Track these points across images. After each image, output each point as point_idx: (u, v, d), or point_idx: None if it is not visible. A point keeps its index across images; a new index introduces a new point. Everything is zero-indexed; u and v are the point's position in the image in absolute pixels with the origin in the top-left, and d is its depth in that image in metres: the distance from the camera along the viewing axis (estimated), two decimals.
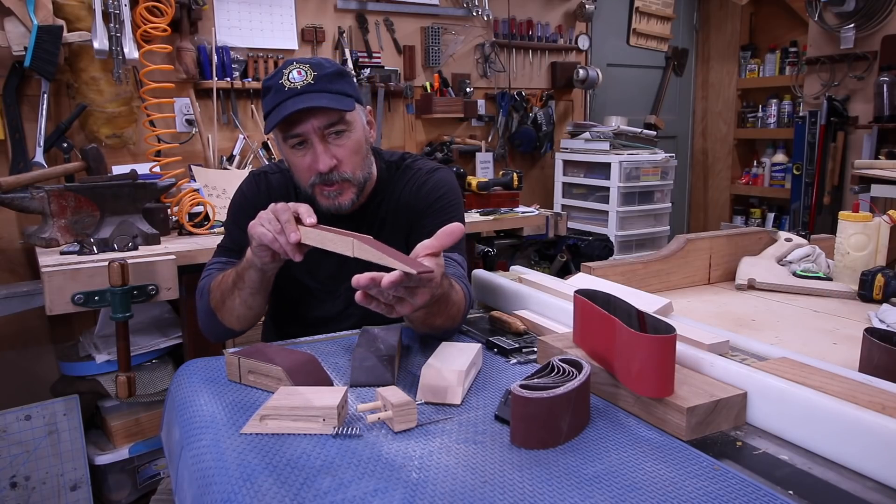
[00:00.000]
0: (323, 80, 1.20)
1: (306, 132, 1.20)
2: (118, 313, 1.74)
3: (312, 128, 1.20)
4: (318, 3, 3.01)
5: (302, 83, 1.18)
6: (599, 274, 1.42)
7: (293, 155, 1.25)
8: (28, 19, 2.18)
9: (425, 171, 1.39)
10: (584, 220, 3.54)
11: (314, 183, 1.24)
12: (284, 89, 1.18)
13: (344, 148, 1.23)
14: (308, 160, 1.22)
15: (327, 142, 1.22)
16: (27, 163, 2.29)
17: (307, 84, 1.18)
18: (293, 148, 1.24)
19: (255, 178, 1.39)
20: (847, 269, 1.52)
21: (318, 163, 1.21)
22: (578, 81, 3.67)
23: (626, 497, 0.69)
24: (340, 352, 1.18)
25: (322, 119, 1.20)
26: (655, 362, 0.81)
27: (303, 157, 1.23)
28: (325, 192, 1.25)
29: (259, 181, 1.38)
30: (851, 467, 0.74)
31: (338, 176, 1.23)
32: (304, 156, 1.23)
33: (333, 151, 1.22)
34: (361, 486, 0.72)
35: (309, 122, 1.19)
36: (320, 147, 1.21)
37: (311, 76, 1.19)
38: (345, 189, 1.26)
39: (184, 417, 0.94)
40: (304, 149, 1.23)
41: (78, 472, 2.05)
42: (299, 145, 1.23)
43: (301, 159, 1.23)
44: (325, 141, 1.22)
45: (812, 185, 3.43)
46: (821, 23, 3.45)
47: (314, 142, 1.21)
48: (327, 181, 1.23)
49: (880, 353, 0.92)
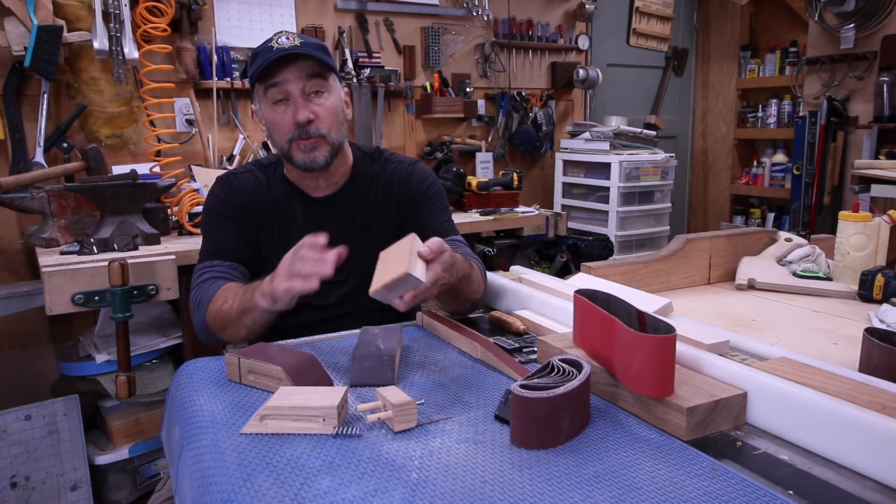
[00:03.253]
0: (309, 45, 1.29)
1: (288, 81, 1.27)
2: (118, 313, 1.74)
3: (294, 77, 1.27)
4: (318, 3, 3.01)
5: (289, 45, 1.27)
6: (599, 274, 1.42)
7: (274, 112, 1.31)
8: (28, 19, 2.18)
9: (407, 163, 1.48)
10: (584, 220, 3.54)
11: (292, 138, 1.30)
12: (273, 49, 1.27)
13: (322, 107, 1.31)
14: (289, 115, 1.29)
15: (308, 99, 1.30)
16: (27, 163, 2.29)
17: (294, 45, 1.27)
18: (274, 104, 1.30)
19: (224, 181, 1.42)
20: (847, 269, 1.52)
21: (298, 114, 1.28)
22: (578, 81, 3.67)
23: (626, 497, 0.69)
24: (340, 352, 1.18)
25: (304, 70, 1.27)
26: (655, 362, 0.81)
27: (283, 113, 1.30)
28: (302, 146, 1.31)
29: (229, 183, 1.41)
30: (851, 467, 0.74)
31: (315, 129, 1.30)
32: (285, 112, 1.30)
33: (312, 108, 1.30)
34: (361, 486, 0.72)
35: (291, 72, 1.27)
36: (301, 100, 1.29)
37: (298, 41, 1.29)
38: (320, 144, 1.32)
39: (184, 417, 0.94)
40: (284, 105, 1.30)
41: (78, 472, 2.05)
42: (280, 102, 1.30)
43: (282, 115, 1.30)
44: (305, 97, 1.29)
45: (812, 185, 3.43)
46: (821, 23, 3.45)
47: (294, 94, 1.28)
48: (304, 134, 1.29)
49: (880, 353, 0.92)
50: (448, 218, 1.48)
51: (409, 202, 1.44)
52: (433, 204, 1.46)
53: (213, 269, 1.33)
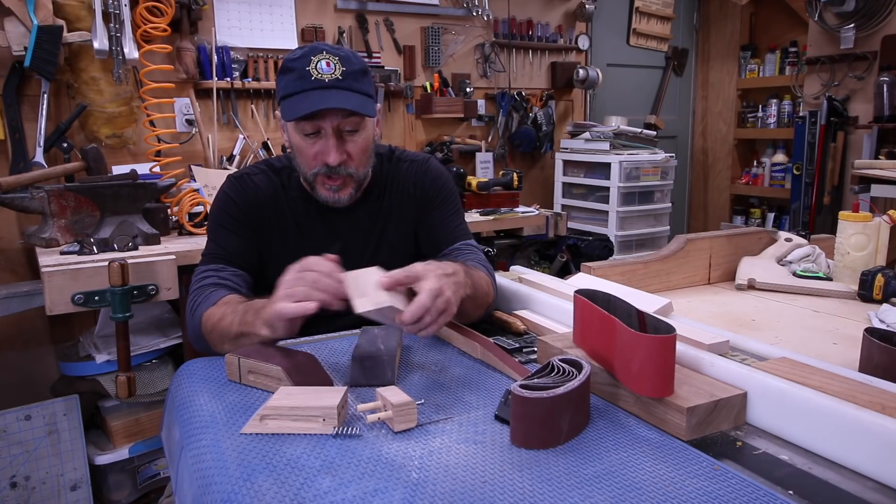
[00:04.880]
0: (350, 78, 1.20)
1: (325, 127, 1.21)
2: (118, 313, 1.74)
3: (332, 125, 1.20)
4: (318, 3, 3.01)
5: (330, 76, 1.18)
6: (599, 274, 1.42)
7: (303, 141, 1.24)
8: (28, 19, 2.18)
9: (420, 160, 1.43)
10: (584, 220, 3.54)
11: (318, 173, 1.25)
12: (311, 78, 1.18)
13: (356, 145, 1.24)
14: (317, 149, 1.23)
15: (341, 137, 1.23)
16: (27, 163, 2.29)
17: (335, 79, 1.19)
18: (305, 136, 1.23)
19: (238, 180, 1.34)
20: (847, 269, 1.52)
21: (329, 156, 1.21)
22: (578, 81, 3.67)
23: (626, 497, 0.69)
24: (340, 352, 1.18)
25: (343, 119, 1.21)
26: (655, 362, 0.81)
27: (312, 145, 1.23)
28: (328, 185, 1.26)
29: (244, 183, 1.33)
30: (851, 467, 0.74)
31: (344, 171, 1.24)
32: (314, 144, 1.23)
33: (346, 147, 1.23)
34: (361, 486, 0.72)
35: (329, 119, 1.20)
36: (333, 141, 1.21)
37: (340, 71, 1.19)
38: (346, 184, 1.27)
39: (184, 417, 0.94)
40: (315, 138, 1.22)
41: (78, 472, 2.05)
42: (311, 134, 1.22)
43: (310, 147, 1.23)
44: (338, 135, 1.22)
45: (812, 185, 3.43)
46: (821, 23, 3.45)
47: (328, 135, 1.21)
48: (333, 174, 1.24)
49: (880, 353, 0.92)
50: (461, 221, 1.43)
51: (425, 203, 1.39)
52: (447, 207, 1.41)
53: (216, 275, 1.26)
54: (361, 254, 1.37)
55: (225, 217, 1.31)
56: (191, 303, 1.23)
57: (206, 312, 1.17)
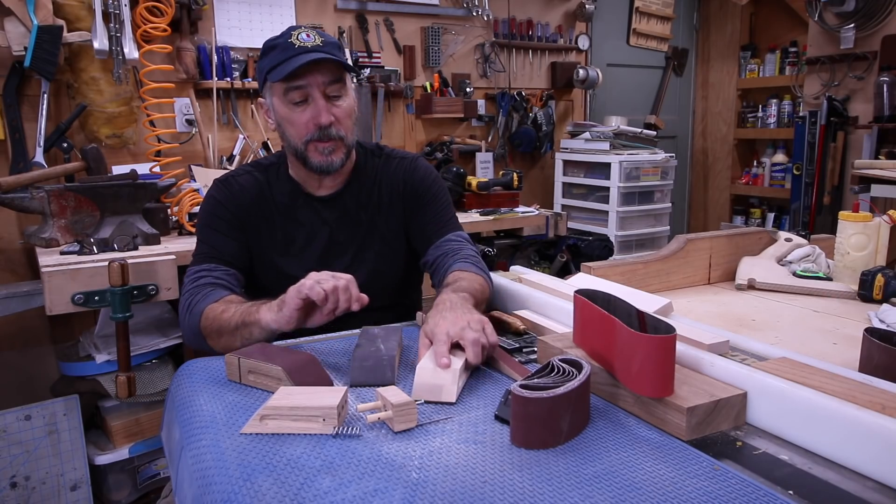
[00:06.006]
0: (329, 46, 1.29)
1: (311, 84, 1.27)
2: (118, 313, 1.74)
3: (317, 81, 1.27)
4: (318, 3, 3.01)
5: (311, 44, 1.26)
6: (599, 274, 1.42)
7: (292, 111, 1.30)
8: (28, 19, 2.18)
9: (409, 159, 1.49)
10: (584, 220, 3.54)
11: (310, 139, 1.30)
12: (294, 47, 1.26)
13: (341, 109, 1.31)
14: (308, 115, 1.29)
15: (328, 101, 1.29)
16: (27, 163, 2.29)
17: (316, 45, 1.27)
18: (293, 104, 1.29)
19: (223, 183, 1.40)
20: (847, 269, 1.52)
21: (321, 116, 1.28)
22: (578, 81, 3.67)
23: (626, 497, 0.69)
24: (340, 352, 1.18)
25: (327, 74, 1.27)
26: (655, 362, 0.81)
27: (302, 113, 1.29)
28: (320, 148, 1.31)
29: (228, 185, 1.39)
30: (851, 467, 0.74)
31: (335, 132, 1.30)
32: (304, 111, 1.29)
33: (332, 110, 1.30)
34: (361, 486, 0.72)
35: (314, 76, 1.26)
36: (322, 102, 1.28)
37: (320, 40, 1.28)
38: (337, 147, 1.32)
39: (184, 417, 0.94)
40: (304, 105, 1.29)
41: (78, 472, 2.05)
42: (300, 103, 1.29)
43: (300, 114, 1.29)
44: (326, 99, 1.29)
45: (812, 185, 3.43)
46: (821, 23, 3.45)
47: (316, 97, 1.28)
48: (324, 136, 1.30)
49: (880, 353, 0.92)
50: (452, 215, 1.48)
51: (414, 200, 1.44)
52: (437, 201, 1.46)
53: (210, 275, 1.29)
54: (351, 241, 1.42)
55: (214, 219, 1.37)
56: (185, 300, 1.27)
57: (208, 307, 1.21)
